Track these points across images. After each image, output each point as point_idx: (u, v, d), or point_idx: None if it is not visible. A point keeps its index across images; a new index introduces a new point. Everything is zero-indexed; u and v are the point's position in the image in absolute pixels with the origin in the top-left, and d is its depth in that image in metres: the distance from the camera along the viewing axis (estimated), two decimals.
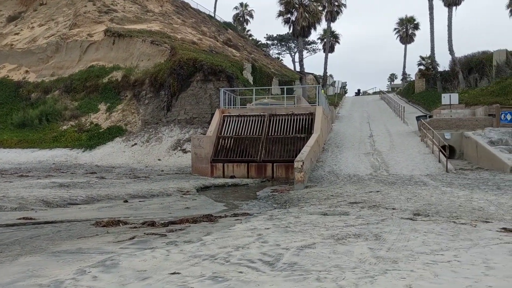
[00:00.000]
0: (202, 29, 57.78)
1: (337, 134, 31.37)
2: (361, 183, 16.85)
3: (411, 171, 19.53)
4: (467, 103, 32.61)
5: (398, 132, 30.45)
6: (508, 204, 10.65)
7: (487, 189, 14.02)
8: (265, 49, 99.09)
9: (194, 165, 24.72)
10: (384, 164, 21.23)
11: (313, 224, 8.47)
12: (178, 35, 47.31)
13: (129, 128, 35.70)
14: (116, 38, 43.85)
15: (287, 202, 13.15)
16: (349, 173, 19.65)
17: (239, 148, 25.14)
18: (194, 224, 9.65)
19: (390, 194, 13.16)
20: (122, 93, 39.52)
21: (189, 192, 16.00)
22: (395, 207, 10.69)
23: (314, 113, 25.72)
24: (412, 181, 16.84)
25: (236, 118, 26.56)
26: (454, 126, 26.81)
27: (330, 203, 11.79)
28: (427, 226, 8.15)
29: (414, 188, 14.85)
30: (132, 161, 30.26)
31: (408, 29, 70.05)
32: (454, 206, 10.49)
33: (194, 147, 24.74)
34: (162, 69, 36.88)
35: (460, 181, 16.27)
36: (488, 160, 21.03)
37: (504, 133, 23.73)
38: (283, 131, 25.55)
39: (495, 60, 35.58)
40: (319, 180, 18.48)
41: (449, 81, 46.36)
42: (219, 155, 24.88)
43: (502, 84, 32.41)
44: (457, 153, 25.60)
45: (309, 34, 47.31)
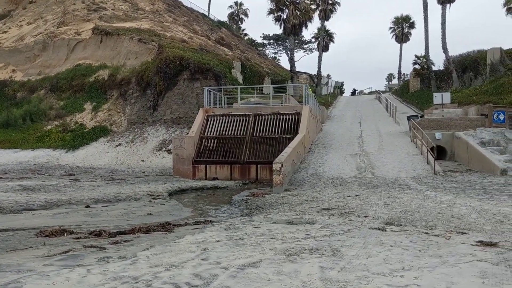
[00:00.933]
0: (194, 27, 56.87)
1: (326, 134, 30.51)
2: (343, 186, 16.00)
3: (397, 173, 18.68)
4: (460, 102, 31.78)
5: (389, 133, 29.61)
6: (491, 211, 9.79)
7: (472, 194, 13.17)
8: (261, 48, 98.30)
9: (175, 167, 23.84)
10: (370, 165, 20.38)
11: (270, 236, 7.61)
12: (168, 34, 46.40)
13: (114, 128, 34.82)
14: (103, 36, 42.95)
15: (258, 207, 12.29)
16: (332, 176, 18.79)
17: (222, 149, 24.28)
18: (146, 234, 8.80)
19: (369, 199, 12.30)
20: (109, 92, 38.63)
21: (160, 196, 15.14)
22: (368, 214, 9.83)
23: (301, 113, 24.89)
24: (396, 184, 15.99)
25: (220, 118, 25.70)
26: (445, 126, 25.97)
27: (301, 209, 10.93)
28: (396, 238, 7.30)
29: (396, 192, 14.00)
30: (115, 162, 29.37)
31: (403, 28, 69.12)
32: (433, 214, 9.64)
33: (175, 148, 23.87)
34: (148, 68, 36.02)
35: (446, 184, 15.42)
36: (478, 161, 20.20)
37: (496, 133, 22.91)
38: (268, 131, 24.71)
39: (489, 58, 34.71)
40: (300, 183, 17.62)
41: (443, 80, 45.55)
42: (201, 156, 24.02)
43: (496, 83, 31.57)
44: (448, 154, 24.78)
45: (300, 33, 46.41)
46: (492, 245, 6.72)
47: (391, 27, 69.95)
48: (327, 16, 56.56)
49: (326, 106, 50.38)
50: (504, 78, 31.45)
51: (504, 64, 33.33)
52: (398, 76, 70.97)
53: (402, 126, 32.01)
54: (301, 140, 22.05)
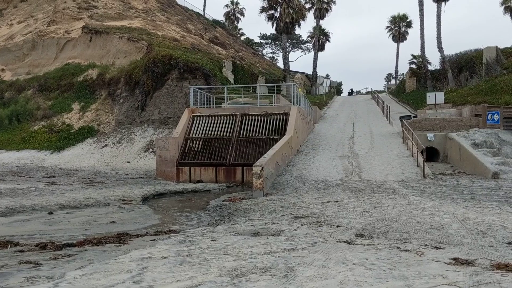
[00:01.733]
0: (187, 26, 56.11)
1: (317, 135, 29.77)
2: (326, 190, 15.25)
3: (385, 176, 17.93)
4: (454, 102, 31.06)
5: (381, 133, 28.86)
6: (475, 220, 9.05)
7: (459, 199, 12.41)
8: (259, 48, 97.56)
9: (158, 169, 23.09)
10: (358, 168, 19.63)
11: (225, 251, 6.85)
12: (160, 32, 45.64)
13: (102, 128, 34.06)
14: (93, 35, 42.19)
15: (230, 215, 11.54)
16: (317, 179, 18.03)
17: (208, 150, 23.53)
18: (96, 247, 8.05)
19: (348, 205, 11.55)
20: (97, 92, 37.88)
21: (132, 202, 14.37)
22: (342, 223, 9.08)
23: (289, 113, 24.15)
24: (382, 188, 15.23)
25: (206, 118, 24.95)
26: (438, 127, 25.24)
27: (272, 217, 10.18)
28: (362, 254, 6.54)
29: (380, 197, 13.24)
30: (100, 164, 28.61)
31: (400, 27, 68.34)
32: (411, 223, 8.89)
33: (158, 149, 23.11)
34: (137, 67, 35.24)
35: (433, 189, 14.67)
36: (470, 164, 19.46)
37: (489, 134, 22.17)
38: (255, 132, 23.97)
39: (484, 57, 33.95)
40: (283, 187, 16.87)
41: (439, 80, 44.85)
42: (185, 158, 23.26)
43: (491, 82, 30.82)
44: (441, 155, 24.06)
45: (293, 31, 45.65)
46: (468, 263, 5.97)
47: (387, 26, 69.21)
48: (322, 15, 55.87)
49: (321, 106, 49.69)
50: (499, 77, 30.70)
51: (500, 63, 32.58)
52: (395, 76, 70.19)
53: (395, 126, 31.28)
54: (287, 141, 21.31)
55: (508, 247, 6.90)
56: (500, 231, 8.05)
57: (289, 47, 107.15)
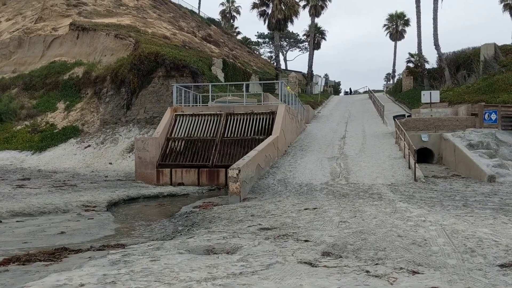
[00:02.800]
0: (180, 24, 54.95)
1: (308, 135, 28.62)
2: (308, 195, 14.08)
3: (374, 180, 16.77)
4: (450, 101, 29.90)
5: (375, 134, 27.71)
6: (464, 233, 7.89)
7: (450, 207, 11.25)
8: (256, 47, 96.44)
9: (137, 171, 21.91)
10: (346, 170, 18.46)
11: (159, 276, 5.69)
12: (150, 30, 44.42)
13: (86, 128, 32.88)
14: (80, 32, 40.97)
15: (193, 225, 10.38)
16: (301, 182, 16.87)
17: (190, 151, 22.36)
18: (21, 266, 6.91)
19: (326, 213, 10.40)
20: (83, 91, 36.69)
21: (95, 208, 13.20)
22: (312, 237, 7.93)
23: (276, 112, 23.00)
24: (368, 193, 14.07)
25: (189, 118, 23.79)
26: (433, 127, 24.11)
27: (237, 229, 9.02)
28: (322, 280, 5.39)
29: (364, 203, 12.09)
30: (81, 165, 27.45)
31: (398, 26, 67.11)
32: (391, 237, 7.74)
33: (138, 150, 21.94)
34: (123, 65, 34.08)
35: (423, 194, 13.50)
36: (465, 166, 18.30)
37: (486, 134, 21.02)
38: (240, 132, 22.81)
39: (482, 55, 32.75)
40: (263, 191, 15.70)
41: (437, 79, 43.67)
42: (166, 159, 22.10)
43: (489, 80, 29.63)
44: (436, 157, 22.91)
45: (285, 28, 44.49)
46: None
47: (385, 24, 67.97)
48: (317, 13, 54.71)
49: (315, 106, 48.56)
50: (498, 75, 29.53)
51: (498, 61, 31.41)
52: (392, 75, 69.00)
53: (389, 126, 30.15)
54: (272, 142, 20.16)
55: (500, 271, 5.75)
56: (492, 248, 6.90)
57: (287, 46, 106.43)
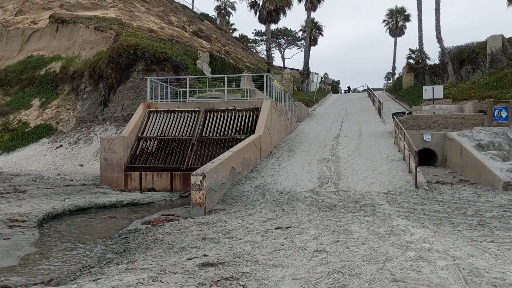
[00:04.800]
0: (169, 18, 52.52)
1: (299, 134, 26.16)
2: (286, 207, 11.61)
3: (368, 186, 14.30)
4: (455, 98, 27.41)
5: (372, 133, 25.25)
6: (489, 276, 5.41)
7: (462, 226, 8.77)
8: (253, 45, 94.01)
9: (103, 175, 19.45)
10: (337, 175, 15.99)
11: None
12: (136, 23, 41.97)
13: (60, 127, 30.41)
14: (59, 25, 38.46)
15: (126, 251, 7.92)
16: (283, 189, 14.40)
17: (163, 152, 19.91)
18: None
19: (301, 236, 7.94)
20: (60, 87, 34.22)
21: (23, 223, 10.70)
22: (266, 283, 5.46)
23: (260, 109, 20.55)
24: (360, 204, 11.59)
25: (164, 115, 21.36)
26: (436, 125, 21.63)
27: (170, 263, 6.54)
28: None
29: (353, 219, 9.62)
30: (48, 167, 24.98)
31: (398, 21, 64.63)
32: (383, 283, 5.27)
33: (103, 151, 19.48)
34: (101, 59, 31.62)
35: (427, 206, 11.01)
36: (474, 170, 15.82)
37: (497, 134, 18.51)
38: (220, 131, 20.36)
39: (489, 47, 30.24)
40: (236, 200, 13.23)
41: (439, 75, 41.21)
42: (136, 161, 19.64)
43: (496, 75, 27.13)
44: (439, 159, 20.46)
45: (278, 20, 42.04)
46: None
47: (384, 20, 65.54)
48: (313, 7, 52.24)
49: (311, 103, 46.16)
50: (506, 69, 27.02)
51: (506, 54, 28.90)
52: (392, 72, 66.49)
53: (388, 125, 27.70)
54: (253, 142, 17.70)
55: None
56: None
57: (285, 44, 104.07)
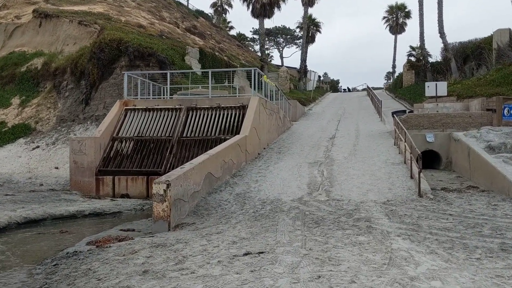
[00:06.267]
0: (161, 14, 50.69)
1: (292, 134, 24.35)
2: (266, 221, 9.77)
3: (364, 194, 12.46)
4: (459, 95, 25.59)
5: (370, 133, 23.44)
6: None
7: (480, 251, 6.92)
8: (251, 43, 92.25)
9: (73, 179, 17.62)
10: (329, 180, 14.15)
11: None
12: (124, 18, 40.14)
13: (40, 126, 28.58)
14: (43, 20, 36.61)
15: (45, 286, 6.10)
16: (267, 197, 12.56)
17: (140, 154, 18.09)
18: None
19: (272, 269, 6.10)
20: (42, 84, 32.38)
21: None
22: None
23: (247, 106, 18.73)
24: (353, 218, 9.75)
25: (142, 113, 19.55)
26: (440, 125, 19.81)
27: None
28: None
29: (343, 239, 7.79)
30: (21, 170, 23.15)
31: (398, 18, 62.75)
32: None
33: (73, 153, 17.64)
34: (83, 54, 29.79)
35: (433, 222, 9.16)
36: (485, 175, 13.99)
37: (508, 134, 16.66)
38: (203, 131, 18.55)
39: (495, 42, 28.40)
40: (210, 212, 11.39)
41: (441, 72, 39.38)
42: (109, 164, 17.80)
43: (504, 71, 25.29)
44: (444, 161, 18.63)
45: (271, 15, 40.14)
46: None
47: (384, 16, 63.62)
48: (311, 2, 50.45)
49: (308, 102, 44.39)
50: None
51: None
52: (392, 70, 64.61)
53: (387, 125, 25.90)
54: (237, 143, 15.87)
55: None
56: None
57: (283, 42, 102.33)
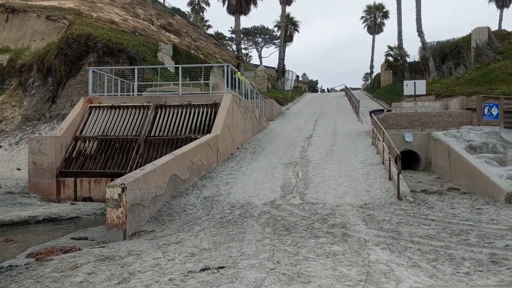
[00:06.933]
0: (136, 11, 49.42)
1: (268, 134, 23.52)
2: (233, 228, 8.87)
3: (341, 197, 11.65)
4: (438, 94, 25.11)
5: (347, 133, 22.75)
6: None
7: (468, 265, 6.12)
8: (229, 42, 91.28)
9: (32, 181, 16.43)
10: (304, 182, 13.33)
11: None
12: (96, 14, 38.80)
13: (3, 126, 27.17)
14: (10, 15, 35.08)
15: None
16: (237, 201, 11.66)
17: (104, 154, 16.99)
18: None
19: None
20: (7, 82, 30.94)
21: None
22: None
23: (220, 104, 17.81)
24: (328, 224, 8.92)
25: (108, 111, 18.44)
26: (419, 124, 19.20)
27: None
28: None
29: (316, 249, 6.94)
30: None
31: (376, 18, 62.56)
32: None
33: (32, 153, 16.47)
34: (51, 50, 28.47)
35: (414, 228, 8.38)
36: (466, 176, 13.33)
37: (489, 134, 16.11)
38: (172, 130, 17.55)
39: (474, 40, 28.03)
40: (173, 217, 10.43)
41: (419, 72, 39.09)
42: (71, 165, 16.67)
43: (483, 70, 24.89)
44: (423, 162, 18.01)
45: (248, 11, 39.24)
46: None
47: (363, 16, 63.39)
48: (288, 1, 49.63)
49: (285, 102, 43.69)
50: (493, 63, 24.81)
51: (493, 47, 26.73)
52: (370, 70, 64.43)
53: (365, 124, 25.30)
54: (206, 143, 14.94)
55: None
56: None
57: (262, 42, 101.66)
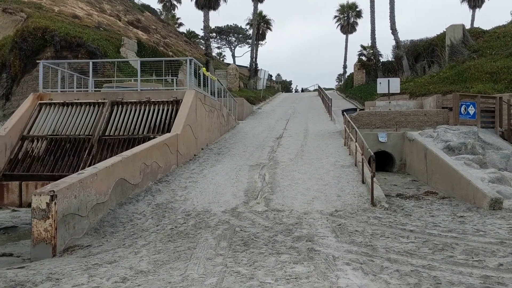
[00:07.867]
0: (102, 6, 47.62)
1: (236, 134, 22.32)
2: (183, 241, 7.62)
3: (309, 203, 10.52)
4: (412, 93, 24.33)
5: (319, 133, 21.73)
6: None
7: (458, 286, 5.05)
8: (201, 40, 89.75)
9: None
10: (271, 186, 12.15)
11: None
12: (58, 8, 36.97)
13: None
14: None
15: None
16: (194, 208, 10.39)
17: (53, 155, 15.47)
18: None
19: None
20: None
21: None
22: None
23: (182, 101, 16.50)
24: (292, 236, 7.74)
25: (59, 108, 16.91)
26: (393, 123, 18.27)
27: None
28: None
29: (275, 270, 5.74)
30: None
31: (349, 17, 62.03)
32: None
33: None
34: (5, 44, 26.67)
35: (390, 242, 7.28)
36: (445, 179, 12.37)
37: (467, 134, 15.25)
38: (129, 129, 16.13)
39: (448, 38, 27.39)
40: (118, 228, 9.11)
41: (392, 71, 38.51)
42: (16, 167, 15.11)
43: (458, 68, 24.22)
44: (397, 163, 17.07)
45: (217, 6, 37.90)
46: None
47: (336, 15, 62.79)
48: None
49: (257, 101, 42.62)
50: (468, 61, 24.17)
51: (467, 45, 26.11)
52: (343, 70, 63.88)
53: (338, 124, 24.36)
54: (163, 143, 13.63)
55: None
56: None
57: (236, 41, 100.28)
